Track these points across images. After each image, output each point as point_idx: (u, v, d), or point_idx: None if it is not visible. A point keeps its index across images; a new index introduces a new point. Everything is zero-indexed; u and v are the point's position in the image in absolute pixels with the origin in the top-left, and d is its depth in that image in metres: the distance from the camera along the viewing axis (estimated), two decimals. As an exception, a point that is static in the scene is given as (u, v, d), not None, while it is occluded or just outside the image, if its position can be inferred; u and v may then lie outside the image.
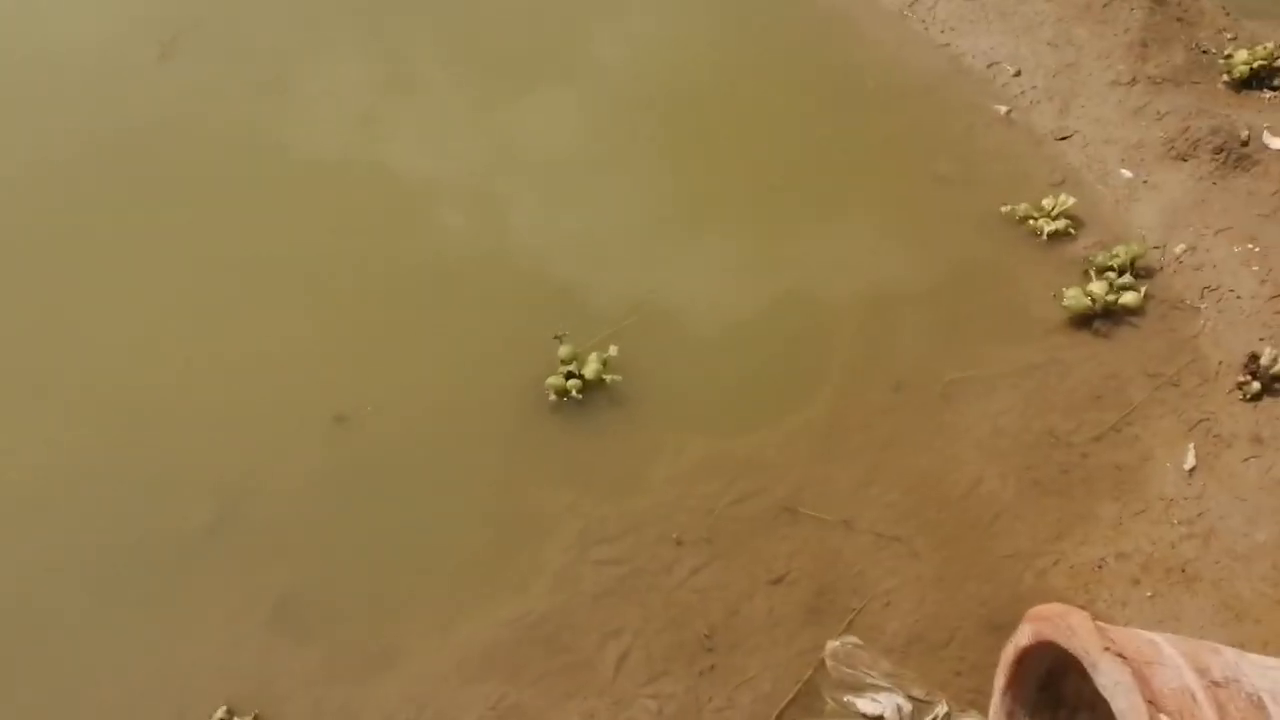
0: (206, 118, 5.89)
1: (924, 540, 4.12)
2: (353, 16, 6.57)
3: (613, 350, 4.65)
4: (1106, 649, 2.83)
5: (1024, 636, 3.20)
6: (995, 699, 3.37)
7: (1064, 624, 3.01)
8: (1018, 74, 6.05)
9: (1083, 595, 3.91)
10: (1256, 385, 4.46)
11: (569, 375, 4.59)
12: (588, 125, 5.92)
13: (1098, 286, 4.83)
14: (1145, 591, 3.93)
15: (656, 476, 4.37)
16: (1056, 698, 3.34)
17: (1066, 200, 5.20)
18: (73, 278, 5.06)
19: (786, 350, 4.84)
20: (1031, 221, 5.20)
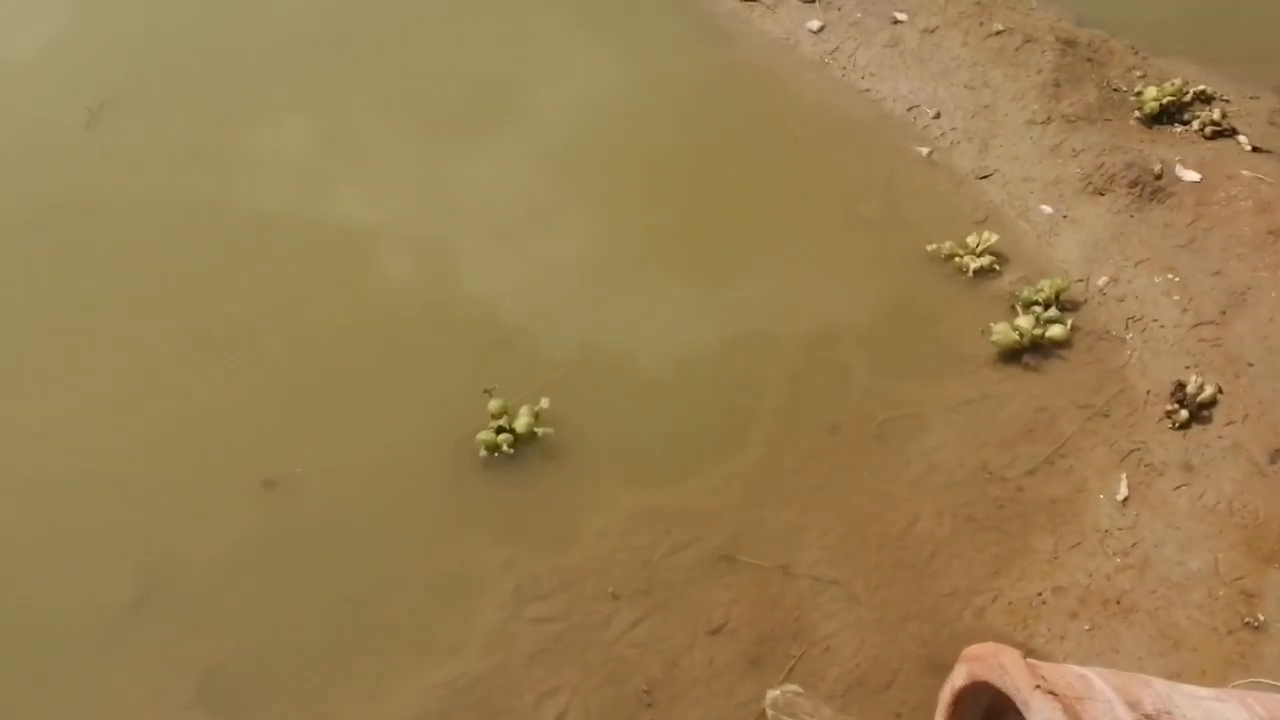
0: (135, 183, 5.82)
1: (862, 582, 4.09)
2: (287, 75, 6.56)
3: (544, 403, 4.60)
4: (1038, 687, 2.81)
5: (959, 677, 3.16)
6: (936, 741, 3.33)
7: (996, 663, 2.98)
8: (937, 116, 6.14)
9: (1022, 631, 3.89)
10: (1184, 413, 4.51)
11: (500, 430, 4.53)
12: (523, 178, 5.92)
13: (1024, 321, 4.87)
14: (1083, 625, 3.92)
15: (591, 529, 4.31)
16: (997, 737, 3.30)
17: (990, 237, 5.26)
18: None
19: (720, 396, 4.82)
20: (957, 259, 5.25)
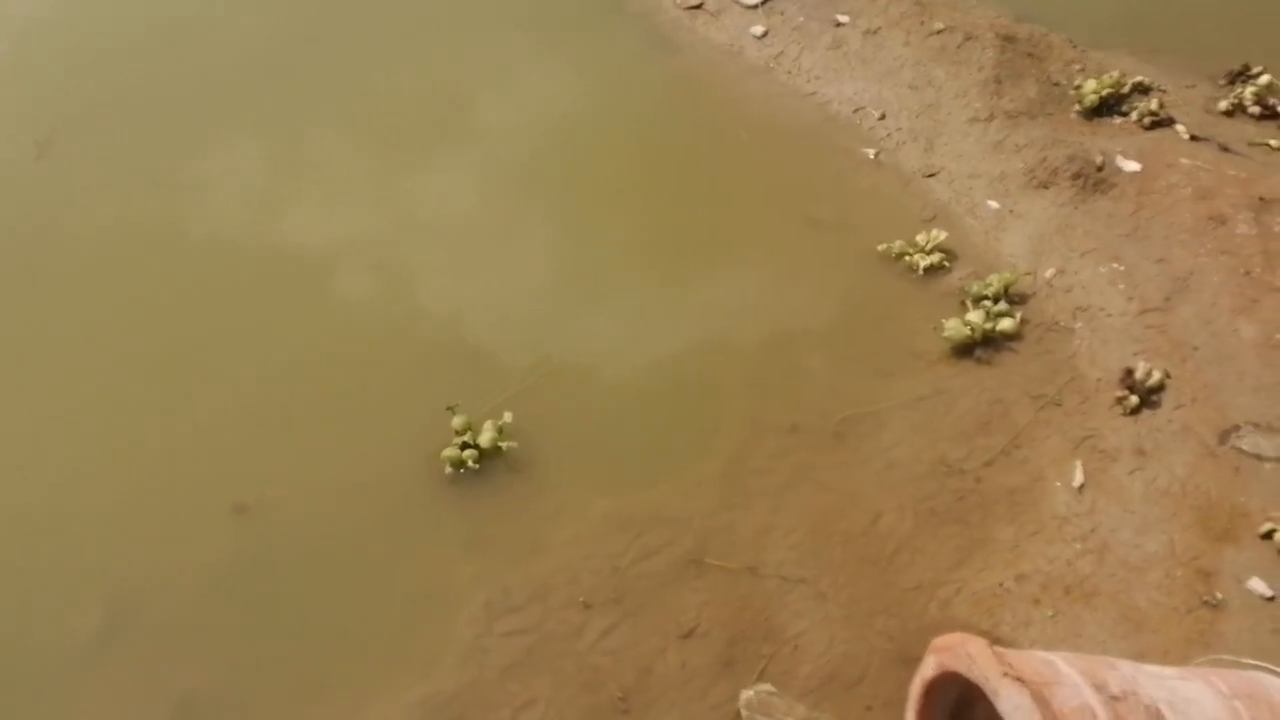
0: (89, 213, 5.78)
1: (829, 580, 4.15)
2: (238, 100, 6.52)
3: (507, 417, 4.63)
4: (1005, 674, 2.87)
5: (928, 668, 3.22)
6: (909, 733, 3.38)
7: (963, 652, 3.04)
8: (882, 117, 6.23)
9: (987, 620, 3.96)
10: (1134, 399, 4.61)
11: (464, 446, 4.54)
12: (479, 195, 5.94)
13: (975, 315, 4.96)
14: (1047, 611, 3.99)
15: (559, 539, 4.34)
16: (968, 726, 3.37)
17: (939, 235, 5.35)
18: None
19: (682, 401, 4.86)
20: (907, 258, 5.33)
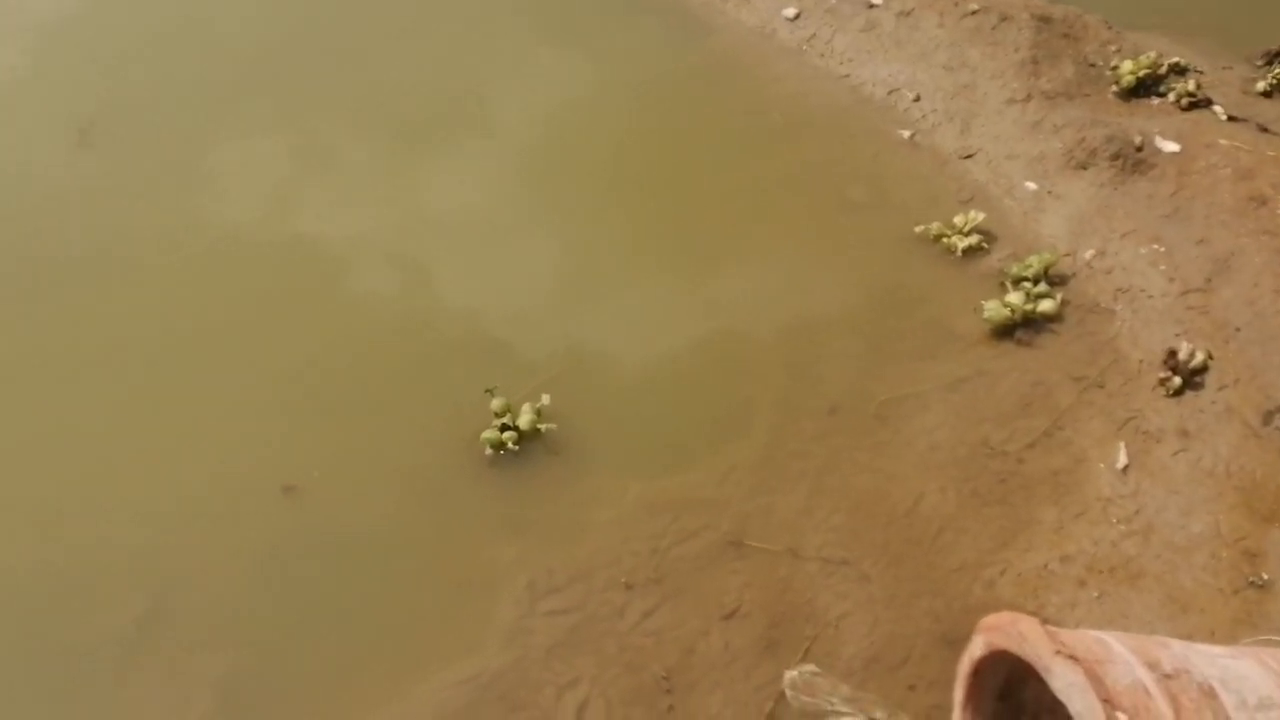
0: (129, 200, 5.80)
1: (871, 561, 4.13)
2: (262, 94, 6.52)
3: (545, 399, 4.63)
4: (1058, 652, 2.85)
5: (977, 648, 3.21)
6: (955, 713, 3.37)
7: (1014, 631, 3.02)
8: (917, 99, 6.19)
9: (1032, 602, 3.95)
10: (1177, 380, 4.57)
11: (503, 428, 4.55)
12: (508, 182, 5.93)
13: (1015, 297, 4.93)
14: (1092, 592, 3.97)
15: (600, 521, 4.34)
16: (1018, 706, 3.35)
17: (977, 216, 5.32)
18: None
19: (718, 385, 4.85)
20: (945, 239, 5.30)
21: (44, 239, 5.57)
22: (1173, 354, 4.64)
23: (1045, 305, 4.91)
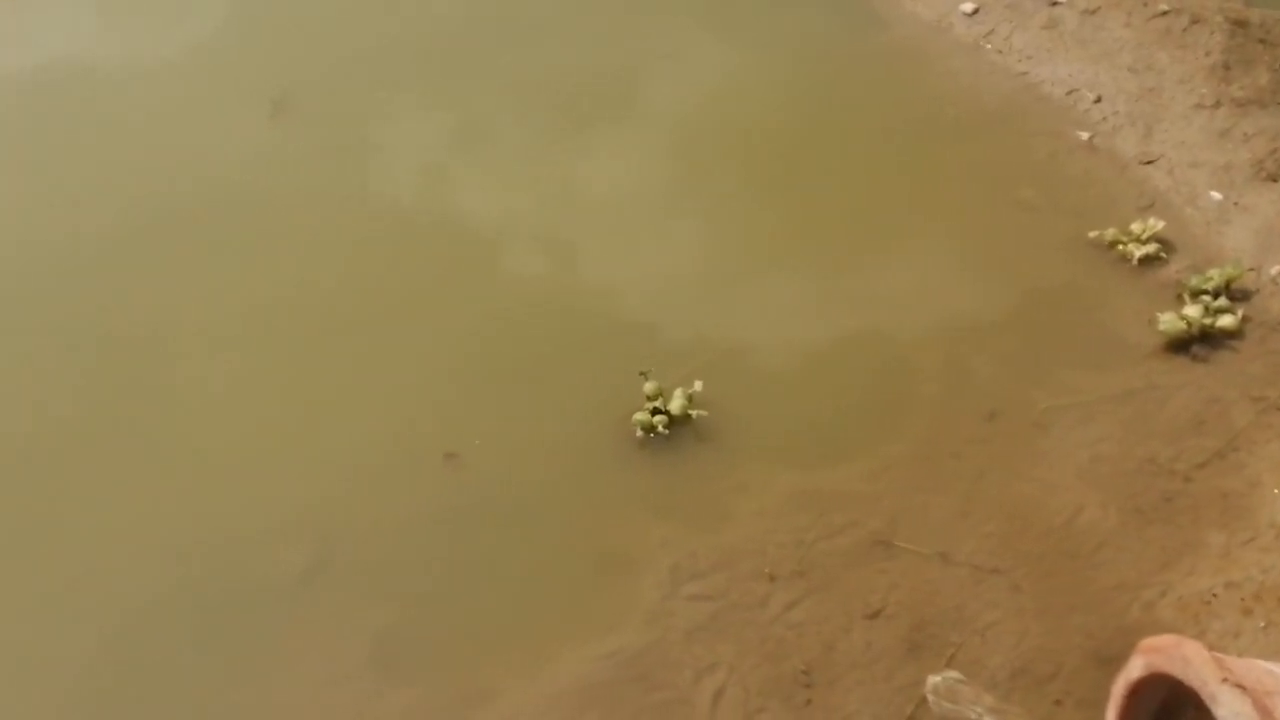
0: (311, 171, 6.03)
1: (1024, 572, 4.03)
2: (432, 72, 6.69)
3: (698, 385, 4.64)
4: (1225, 680, 2.74)
5: (1136, 669, 3.10)
6: (1107, 734, 3.27)
7: (1178, 655, 2.91)
8: (1098, 100, 5.98)
9: (1193, 627, 3.79)
10: (1365, 408, 4.33)
11: (655, 411, 4.59)
12: (659, 166, 5.96)
13: (1193, 310, 4.72)
14: (1258, 622, 3.79)
15: (746, 510, 4.33)
16: (1172, 732, 3.23)
17: (1156, 224, 5.11)
18: (173, 323, 5.19)
19: (872, 381, 4.79)
20: (1120, 246, 5.11)
21: (239, 205, 5.82)
22: (1364, 380, 4.39)
23: (1225, 320, 4.70)
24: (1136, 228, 5.13)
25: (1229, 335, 4.71)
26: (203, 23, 7.10)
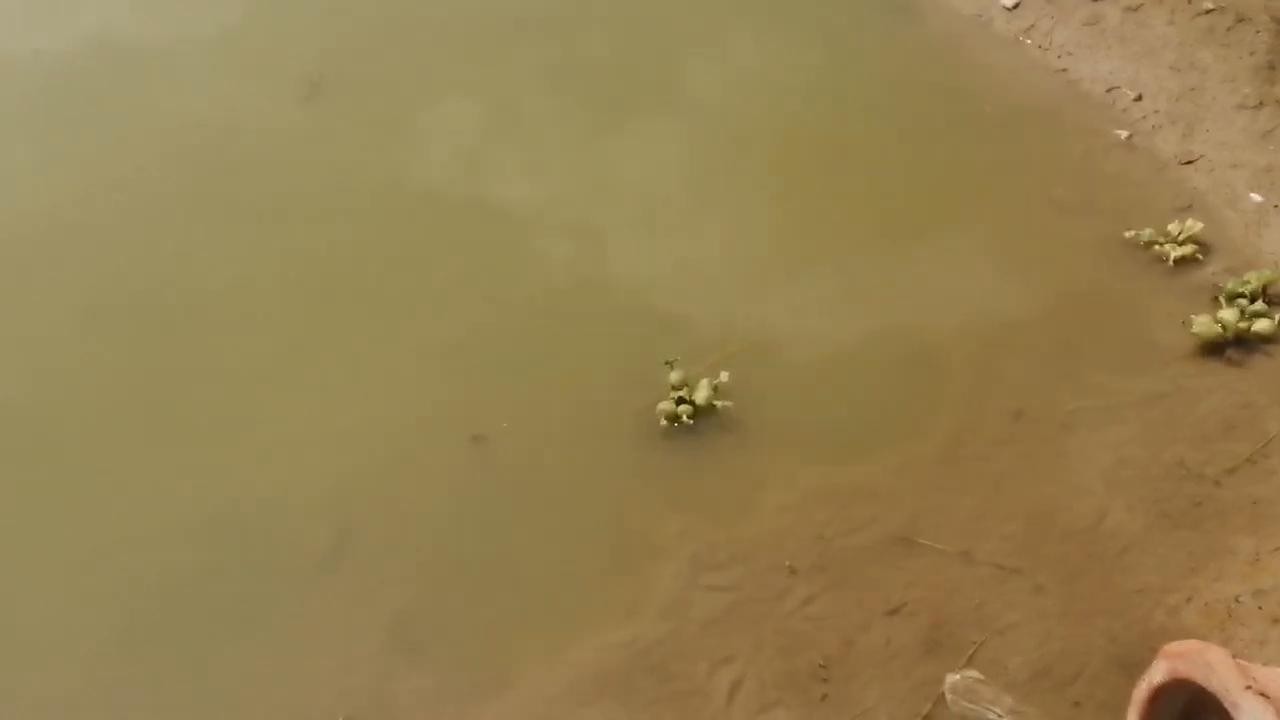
0: (344, 153, 6.03)
1: (1047, 573, 3.99)
2: (467, 57, 6.69)
3: (723, 376, 4.62)
4: (1249, 688, 2.71)
5: (1159, 674, 3.07)
6: (1127, 739, 3.23)
7: (1202, 661, 2.88)
8: (1138, 98, 5.90)
9: (1218, 633, 3.73)
10: (1403, 417, 4.25)
11: (680, 401, 4.57)
12: (692, 156, 5.93)
13: (1229, 313, 4.65)
14: (1286, 631, 3.74)
15: (768, 503, 4.31)
16: (1193, 739, 3.19)
17: (1194, 225, 5.03)
18: (203, 300, 5.22)
19: (898, 378, 4.75)
20: (1157, 247, 5.04)
21: (275, 184, 5.86)
22: (1402, 388, 4.31)
23: (1261, 325, 4.62)
24: (1173, 228, 5.06)
25: (1264, 340, 4.63)
26: (239, 4, 7.13)
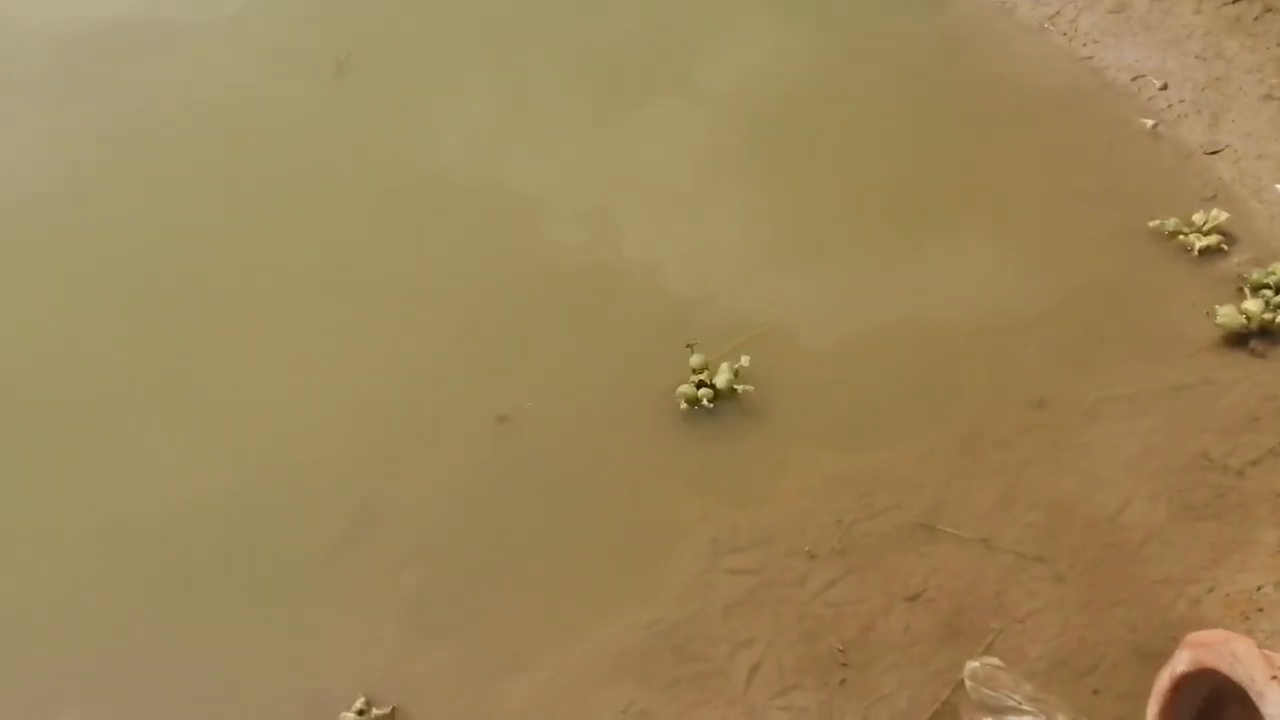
0: (366, 132, 6.06)
1: (1068, 562, 3.98)
2: (487, 39, 6.68)
3: (744, 360, 4.62)
4: (1274, 678, 2.70)
5: (1182, 663, 3.06)
6: (1148, 728, 3.23)
7: (1227, 651, 2.87)
8: (1164, 87, 5.86)
9: (1240, 624, 3.73)
10: None
11: (700, 384, 4.57)
12: (710, 142, 5.90)
13: (1253, 304, 4.62)
14: (1308, 623, 3.74)
15: (788, 488, 4.32)
16: (1215, 729, 3.19)
17: (1219, 215, 5.00)
18: (227, 277, 5.25)
19: (921, 365, 4.74)
20: (1181, 237, 5.01)
21: (300, 161, 5.88)
22: None
23: (1286, 316, 4.60)
24: (1198, 218, 5.03)
25: (1290, 332, 4.61)
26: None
